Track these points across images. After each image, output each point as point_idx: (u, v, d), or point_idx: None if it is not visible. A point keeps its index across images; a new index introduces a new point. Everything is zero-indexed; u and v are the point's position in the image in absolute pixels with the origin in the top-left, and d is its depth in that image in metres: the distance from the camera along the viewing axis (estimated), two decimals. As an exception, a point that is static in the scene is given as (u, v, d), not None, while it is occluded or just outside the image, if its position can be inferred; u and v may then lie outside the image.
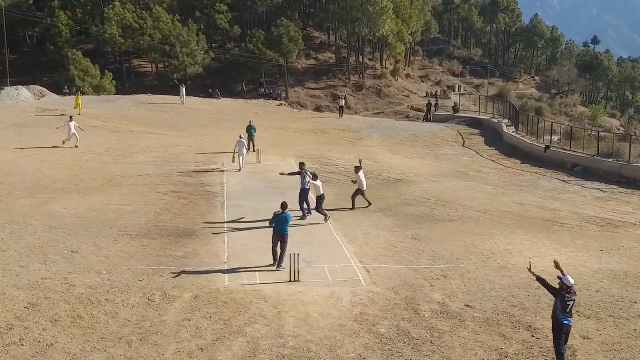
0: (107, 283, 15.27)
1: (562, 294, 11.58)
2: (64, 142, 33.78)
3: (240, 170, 29.90)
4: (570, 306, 11.60)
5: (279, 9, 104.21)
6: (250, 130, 34.98)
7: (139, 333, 12.76)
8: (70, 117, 35.52)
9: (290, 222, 17.41)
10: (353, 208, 23.68)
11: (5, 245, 17.84)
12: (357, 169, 24.16)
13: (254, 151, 33.30)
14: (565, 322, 11.54)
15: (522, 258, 18.27)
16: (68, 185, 25.77)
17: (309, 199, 22.33)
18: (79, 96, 47.44)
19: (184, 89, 57.52)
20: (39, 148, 33.11)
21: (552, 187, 31.41)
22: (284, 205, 17.35)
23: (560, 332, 11.58)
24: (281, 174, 24.18)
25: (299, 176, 22.56)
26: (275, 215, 17.05)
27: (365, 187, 24.01)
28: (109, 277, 15.71)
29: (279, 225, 16.97)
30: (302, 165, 23.14)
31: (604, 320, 14.03)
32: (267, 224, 17.63)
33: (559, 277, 11.84)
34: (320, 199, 22.14)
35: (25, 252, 17.33)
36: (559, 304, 11.59)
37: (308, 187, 22.17)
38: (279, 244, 16.93)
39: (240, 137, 30.52)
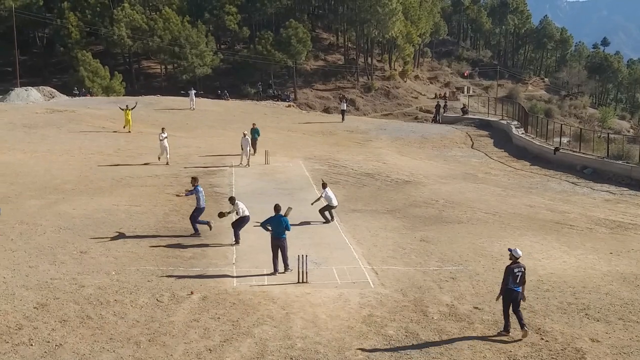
0: (115, 283, 15.31)
1: (512, 268, 13.05)
2: (159, 158, 31.21)
3: (247, 166, 30.86)
4: (519, 276, 13.06)
5: (288, 10, 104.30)
6: (253, 133, 34.45)
7: (147, 333, 12.79)
8: (162, 129, 31.97)
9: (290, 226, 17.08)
10: (327, 221, 21.80)
11: (14, 245, 17.92)
12: (324, 185, 22.51)
13: (254, 154, 33.08)
14: (515, 289, 13.04)
15: (531, 260, 18.20)
16: (77, 186, 25.87)
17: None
18: (128, 111, 40.66)
19: (194, 92, 54.99)
20: (117, 161, 33.15)
21: (562, 189, 31.30)
22: (276, 208, 17.03)
23: (509, 298, 13.06)
24: (177, 194, 22.20)
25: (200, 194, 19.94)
26: (270, 217, 16.87)
27: (335, 204, 21.89)
28: (118, 277, 15.76)
29: (275, 228, 16.70)
30: (194, 180, 20.31)
31: (613, 323, 13.96)
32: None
33: (509, 249, 13.46)
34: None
35: (34, 252, 17.40)
36: (510, 276, 13.01)
37: (203, 207, 19.85)
38: (278, 250, 16.64)
39: (245, 135, 31.45)
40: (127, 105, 41.30)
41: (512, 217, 23.85)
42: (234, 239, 19.09)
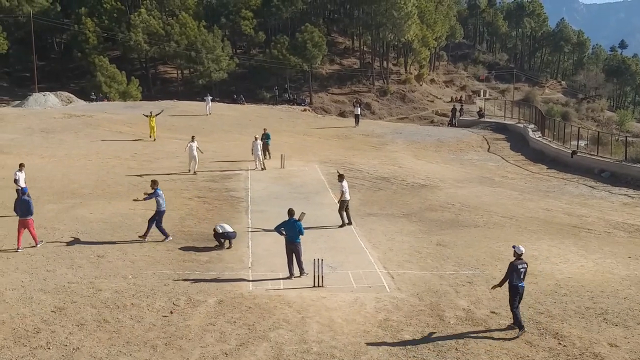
0: (132, 287, 15.38)
1: (516, 265, 13.48)
2: (192, 171, 29.97)
3: (263, 169, 31.09)
4: (522, 272, 13.54)
5: (303, 14, 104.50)
6: (265, 137, 34.08)
7: (163, 337, 12.83)
8: (192, 137, 30.91)
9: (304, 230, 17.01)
10: (343, 225, 21.66)
11: (32, 249, 18.06)
12: (341, 177, 22.51)
13: (269, 158, 33.39)
14: (520, 285, 13.53)
15: (549, 264, 18.10)
16: (94, 190, 26.04)
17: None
18: (152, 118, 39.12)
19: (210, 98, 53.90)
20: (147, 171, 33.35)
21: (579, 193, 31.07)
22: (290, 212, 16.98)
23: (516, 293, 13.50)
24: (135, 200, 21.01)
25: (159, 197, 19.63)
26: (284, 222, 16.89)
27: (348, 197, 21.99)
28: (135, 281, 15.83)
29: (289, 232, 16.69)
30: (154, 183, 19.87)
31: (632, 328, 13.82)
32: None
33: (513, 246, 13.90)
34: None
35: (52, 256, 17.53)
36: (514, 273, 13.44)
37: (163, 210, 19.59)
38: (293, 254, 16.64)
39: (256, 138, 31.63)
40: (151, 112, 39.86)
41: (529, 221, 23.70)
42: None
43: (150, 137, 38.95)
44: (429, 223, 22.58)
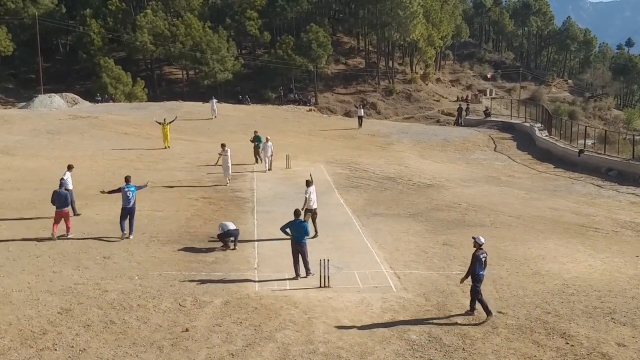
0: (138, 288, 15.37)
1: (478, 255, 14.18)
2: (228, 182, 28.33)
3: (269, 170, 31.03)
4: (483, 261, 14.25)
5: (308, 14, 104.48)
6: (256, 140, 33.08)
7: (170, 338, 12.82)
8: (223, 145, 29.00)
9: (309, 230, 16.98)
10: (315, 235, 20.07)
11: (39, 250, 18.08)
12: (308, 183, 20.95)
13: (260, 162, 32.51)
14: (481, 273, 14.22)
15: (556, 264, 18.03)
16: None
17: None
18: (166, 126, 36.90)
19: (215, 101, 52.50)
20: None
21: (586, 192, 30.95)
22: (296, 212, 16.94)
23: (479, 282, 14.15)
24: (102, 192, 21.37)
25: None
26: (290, 222, 16.88)
27: (314, 206, 20.41)
28: (141, 282, 15.83)
29: (295, 233, 16.66)
30: (127, 178, 20.22)
31: (641, 328, 13.75)
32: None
33: (473, 237, 14.63)
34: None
35: (58, 257, 17.54)
36: (477, 263, 14.12)
37: (130, 206, 19.63)
38: (299, 254, 16.58)
39: (267, 139, 31.37)
40: (164, 119, 37.41)
41: (536, 220, 23.62)
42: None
43: (165, 146, 36.73)
44: (436, 223, 22.52)
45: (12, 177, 28.60)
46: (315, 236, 19.85)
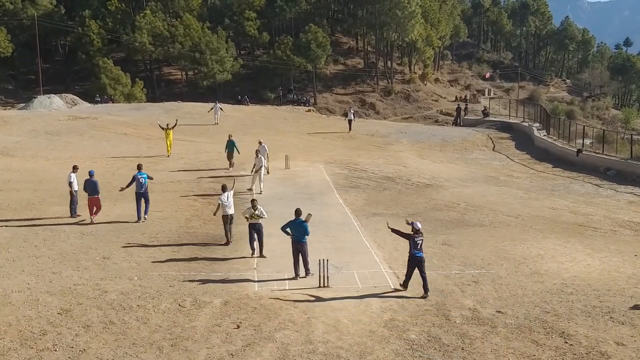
0: (138, 289, 15.39)
1: (413, 236, 15.45)
2: (251, 189, 27.36)
3: (266, 173, 29.58)
4: (419, 244, 15.45)
5: (307, 15, 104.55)
6: (229, 145, 31.43)
7: (169, 338, 12.83)
8: (257, 152, 27.73)
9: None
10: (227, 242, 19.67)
11: (38, 251, 18.10)
12: (223, 188, 20.11)
13: (233, 167, 31.16)
14: (417, 255, 15.36)
15: (555, 263, 18.06)
16: (100, 192, 26.02)
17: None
18: (169, 131, 35.04)
19: (219, 106, 49.84)
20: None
21: (585, 191, 31.00)
22: (297, 212, 16.93)
23: (413, 262, 15.38)
24: (121, 189, 22.45)
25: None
26: (290, 221, 16.89)
27: (229, 212, 19.64)
28: (140, 283, 15.84)
29: (295, 232, 16.68)
30: (139, 166, 22.68)
31: (639, 327, 13.76)
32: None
33: (410, 223, 15.90)
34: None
35: (58, 258, 17.56)
36: (411, 244, 15.38)
37: (143, 191, 21.76)
38: (299, 254, 16.61)
39: (260, 142, 30.12)
40: (167, 125, 35.45)
41: (535, 219, 23.65)
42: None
43: (168, 154, 34.84)
44: (435, 222, 22.55)
45: (12, 178, 28.62)
46: (226, 243, 19.37)
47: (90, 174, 22.24)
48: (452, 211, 24.51)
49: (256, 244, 18.44)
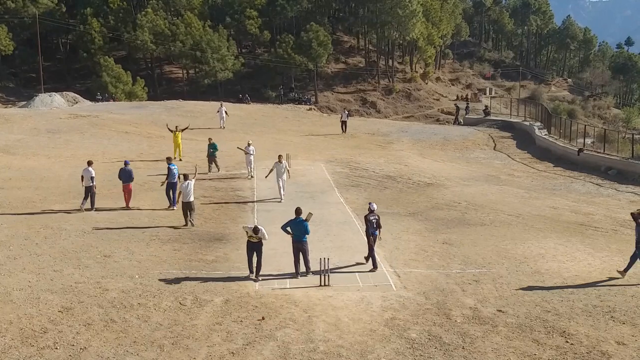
0: (139, 287, 15.40)
1: (368, 217, 17.50)
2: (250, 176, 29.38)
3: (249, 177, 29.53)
4: (374, 222, 17.48)
5: (308, 13, 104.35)
6: (210, 148, 30.77)
7: (170, 337, 12.85)
8: (280, 157, 26.30)
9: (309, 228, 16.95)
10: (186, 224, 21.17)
11: (39, 249, 18.11)
12: (185, 176, 21.76)
13: (218, 170, 30.69)
14: (374, 233, 17.47)
15: (555, 262, 18.06)
16: (101, 190, 26.01)
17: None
18: (178, 133, 33.86)
19: (224, 110, 47.76)
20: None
21: (586, 191, 30.99)
22: (298, 211, 16.92)
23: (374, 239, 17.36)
24: (162, 184, 24.49)
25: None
26: (290, 220, 16.90)
27: (191, 199, 21.30)
28: (141, 281, 15.85)
29: (296, 231, 16.67)
30: (169, 159, 25.36)
31: (640, 326, 13.79)
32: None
33: (369, 203, 18.04)
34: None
35: (59, 256, 17.57)
36: (368, 223, 17.43)
37: (175, 180, 23.53)
38: (300, 254, 16.60)
39: (249, 144, 29.89)
40: (176, 127, 34.34)
41: (536, 219, 23.65)
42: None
43: (176, 156, 33.06)
44: (435, 221, 22.56)
45: (13, 175, 28.64)
46: (185, 225, 21.13)
47: (126, 163, 24.36)
48: (453, 210, 24.51)
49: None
